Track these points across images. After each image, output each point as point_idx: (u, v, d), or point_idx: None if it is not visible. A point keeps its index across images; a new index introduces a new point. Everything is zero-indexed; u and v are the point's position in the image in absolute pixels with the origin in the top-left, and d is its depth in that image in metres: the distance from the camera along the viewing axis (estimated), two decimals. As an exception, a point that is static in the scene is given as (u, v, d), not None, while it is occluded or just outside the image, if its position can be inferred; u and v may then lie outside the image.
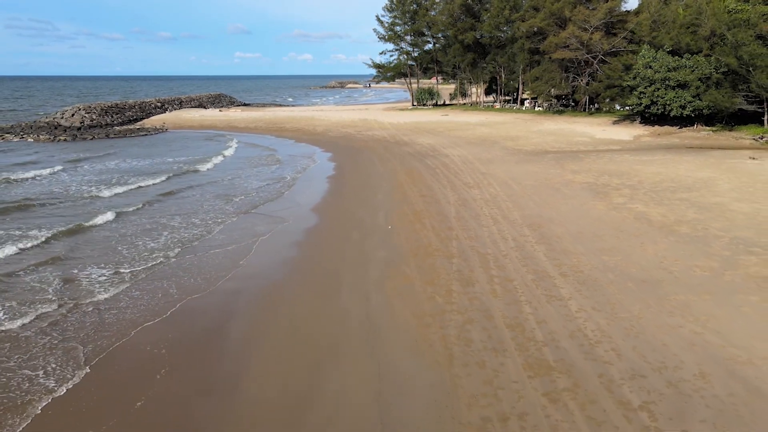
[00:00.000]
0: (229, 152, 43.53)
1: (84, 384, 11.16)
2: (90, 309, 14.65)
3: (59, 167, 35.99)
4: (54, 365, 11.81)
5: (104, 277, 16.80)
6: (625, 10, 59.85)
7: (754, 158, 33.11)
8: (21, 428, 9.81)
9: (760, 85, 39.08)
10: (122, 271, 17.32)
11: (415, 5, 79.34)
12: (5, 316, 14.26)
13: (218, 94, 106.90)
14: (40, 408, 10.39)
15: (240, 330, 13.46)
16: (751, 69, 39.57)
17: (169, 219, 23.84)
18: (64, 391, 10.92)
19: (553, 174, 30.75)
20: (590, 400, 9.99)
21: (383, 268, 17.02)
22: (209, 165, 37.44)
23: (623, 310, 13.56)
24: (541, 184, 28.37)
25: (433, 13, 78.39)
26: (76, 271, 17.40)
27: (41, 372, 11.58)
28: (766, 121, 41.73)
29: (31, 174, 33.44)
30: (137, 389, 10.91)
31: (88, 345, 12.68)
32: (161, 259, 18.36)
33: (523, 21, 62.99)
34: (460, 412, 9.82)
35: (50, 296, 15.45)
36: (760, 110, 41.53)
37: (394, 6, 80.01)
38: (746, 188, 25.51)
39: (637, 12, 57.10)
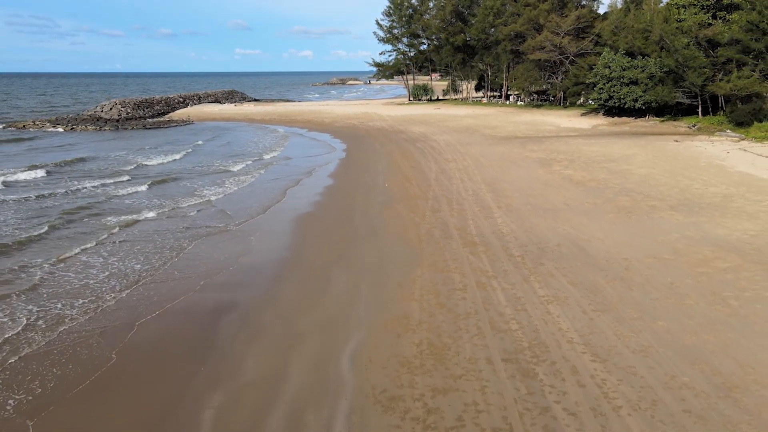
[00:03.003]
0: (284, 142, 51.80)
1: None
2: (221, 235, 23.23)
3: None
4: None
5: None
6: (595, 13, 68.38)
7: (677, 141, 41.65)
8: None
9: (692, 82, 47.60)
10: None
11: (410, 10, 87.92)
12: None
13: (231, 91, 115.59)
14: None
15: (295, 232, 22.07)
16: (685, 69, 48.07)
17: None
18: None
19: (515, 153, 39.31)
20: (493, 254, 18.54)
21: (381, 206, 25.58)
22: (276, 153, 45.07)
23: (529, 222, 22.10)
24: (503, 159, 36.92)
25: (427, 17, 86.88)
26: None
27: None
28: (700, 113, 50.25)
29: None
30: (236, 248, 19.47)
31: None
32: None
33: (505, 26, 71.50)
34: (423, 260, 18.37)
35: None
36: (695, 104, 50.03)
37: (392, 11, 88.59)
38: (654, 160, 34.06)
39: (603, 18, 65.54)
